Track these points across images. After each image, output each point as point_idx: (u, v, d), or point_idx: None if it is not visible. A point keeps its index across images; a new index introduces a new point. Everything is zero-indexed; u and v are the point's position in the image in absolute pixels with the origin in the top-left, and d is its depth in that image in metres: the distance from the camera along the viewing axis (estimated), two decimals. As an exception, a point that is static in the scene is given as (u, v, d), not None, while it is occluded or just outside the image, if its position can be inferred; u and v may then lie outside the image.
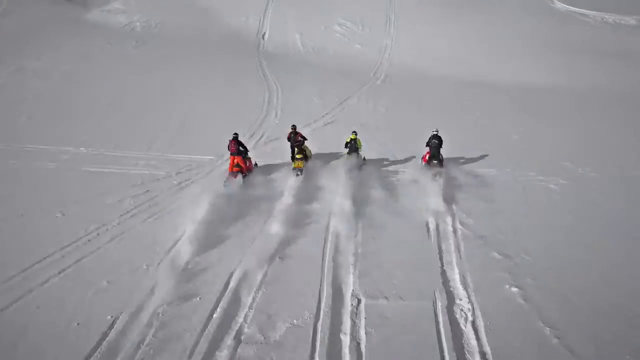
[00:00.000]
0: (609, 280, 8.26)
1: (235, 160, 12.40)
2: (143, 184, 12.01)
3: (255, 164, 13.30)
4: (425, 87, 23.74)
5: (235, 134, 12.63)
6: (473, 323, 7.28)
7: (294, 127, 13.54)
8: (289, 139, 13.45)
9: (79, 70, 22.25)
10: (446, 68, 26.89)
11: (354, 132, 13.38)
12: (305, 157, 13.12)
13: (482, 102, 21.03)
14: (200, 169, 13.12)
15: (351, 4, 34.84)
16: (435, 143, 13.03)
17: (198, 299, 7.71)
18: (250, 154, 13.00)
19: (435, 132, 13.16)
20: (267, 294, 7.89)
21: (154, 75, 21.93)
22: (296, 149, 13.04)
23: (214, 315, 7.33)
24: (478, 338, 6.98)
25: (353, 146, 13.23)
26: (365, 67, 26.85)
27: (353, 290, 8.00)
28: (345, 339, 6.94)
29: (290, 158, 13.37)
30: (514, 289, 8.03)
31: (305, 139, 13.47)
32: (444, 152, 13.19)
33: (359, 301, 7.75)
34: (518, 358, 6.56)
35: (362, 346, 6.82)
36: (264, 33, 31.65)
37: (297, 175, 12.50)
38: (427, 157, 13.30)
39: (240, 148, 12.44)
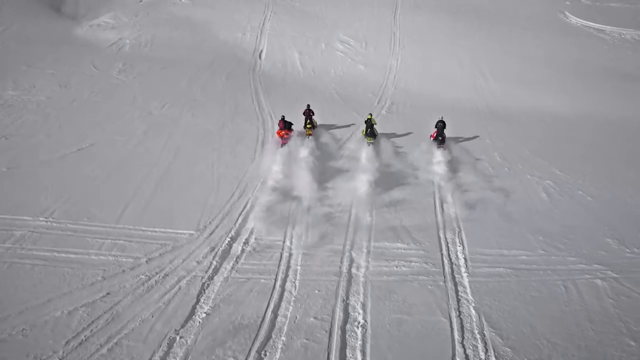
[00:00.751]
0: None
1: (282, 132, 17.16)
2: (104, 279, 9.81)
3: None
4: (436, 117, 21.39)
5: (283, 116, 17.55)
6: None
7: (308, 105, 18.33)
8: (304, 113, 18.16)
9: (54, 102, 19.96)
10: (457, 92, 24.46)
11: (370, 113, 17.92)
12: (313, 126, 18.15)
13: (503, 138, 18.64)
14: (176, 253, 10.90)
15: (354, 19, 32.42)
16: (440, 125, 17.24)
17: None
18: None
19: (441, 118, 17.48)
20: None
21: (135, 110, 19.61)
22: (307, 120, 17.90)
23: None
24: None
25: (369, 123, 17.18)
26: (369, 93, 24.44)
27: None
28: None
29: (303, 127, 17.97)
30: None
31: (313, 113, 18.26)
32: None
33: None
34: None
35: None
36: (261, 51, 29.24)
37: (308, 137, 17.66)
38: (434, 135, 17.34)
39: (288, 123, 17.45)
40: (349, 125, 19.14)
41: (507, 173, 15.70)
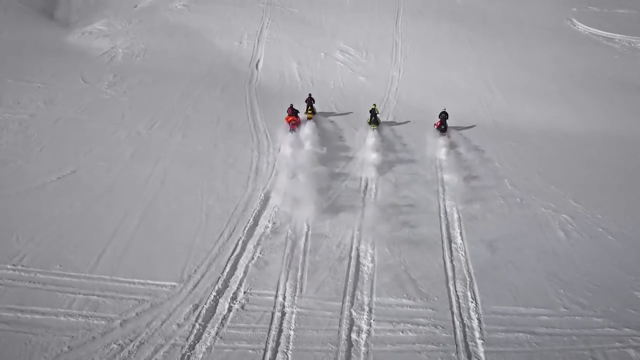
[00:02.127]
0: None
1: (290, 118, 18.88)
2: (70, 350, 8.50)
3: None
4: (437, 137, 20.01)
5: (291, 104, 19.46)
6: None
7: (310, 94, 20.68)
8: (306, 101, 20.20)
9: (38, 121, 18.51)
10: (461, 106, 22.98)
11: (374, 103, 20.24)
12: (313, 112, 20.22)
13: (512, 160, 17.26)
14: (155, 312, 9.58)
15: (354, 26, 30.94)
16: (443, 116, 19.19)
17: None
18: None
19: (444, 110, 19.43)
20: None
21: (122, 129, 18.19)
22: (308, 106, 19.97)
23: None
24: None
25: (373, 112, 19.43)
26: (371, 106, 23.06)
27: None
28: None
29: (304, 112, 19.89)
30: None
31: (314, 101, 20.47)
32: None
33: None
34: None
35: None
36: (258, 61, 27.77)
37: (308, 120, 19.71)
38: (438, 124, 19.28)
39: (296, 111, 19.22)
40: (349, 157, 17.30)
41: (519, 205, 14.34)
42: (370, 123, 19.51)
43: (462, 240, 12.32)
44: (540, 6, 34.08)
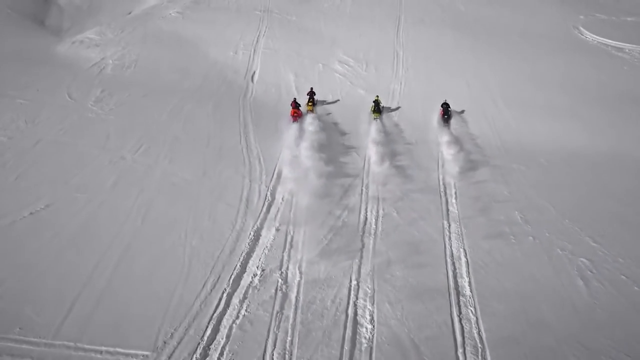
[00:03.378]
0: None
1: (293, 111, 20.53)
2: None
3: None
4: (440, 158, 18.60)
5: (295, 97, 21.84)
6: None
7: (311, 88, 22.67)
8: (308, 94, 22.18)
9: (16, 143, 17.08)
10: (467, 122, 21.55)
11: (377, 95, 22.16)
12: (314, 104, 21.83)
13: (522, 188, 15.83)
14: (122, 393, 8.21)
15: (354, 36, 29.43)
16: (445, 106, 20.91)
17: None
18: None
19: (445, 101, 21.27)
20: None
21: (106, 154, 16.77)
22: (310, 99, 21.73)
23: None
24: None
25: (376, 102, 21.32)
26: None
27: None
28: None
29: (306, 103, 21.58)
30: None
31: (315, 94, 22.46)
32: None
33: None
34: None
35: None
36: (254, 73, 26.31)
37: (308, 111, 21.43)
38: (442, 113, 20.85)
39: (298, 104, 20.96)
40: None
41: (531, 244, 12.90)
42: (373, 112, 21.21)
43: (471, 291, 10.91)
44: (547, 14, 32.52)
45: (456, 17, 31.91)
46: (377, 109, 21.23)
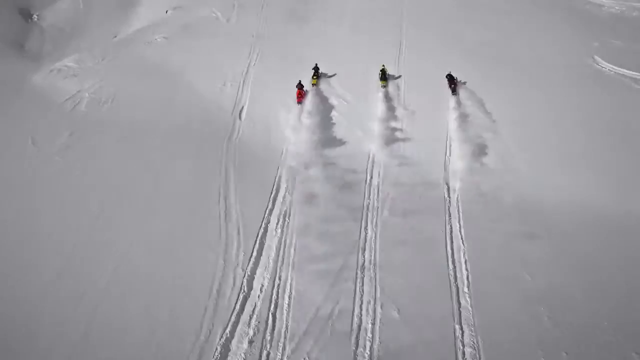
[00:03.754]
0: None
1: (299, 91, 22.77)
2: None
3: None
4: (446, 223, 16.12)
5: (300, 80, 23.58)
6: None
7: (316, 64, 25.16)
8: (313, 69, 24.80)
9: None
10: (477, 173, 19.02)
11: (383, 64, 24.37)
12: (318, 77, 24.26)
13: (546, 271, 13.26)
14: None
15: (352, 66, 26.77)
16: (449, 77, 23.12)
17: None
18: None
19: (449, 72, 23.40)
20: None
21: (52, 235, 14.25)
22: (314, 74, 24.30)
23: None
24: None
25: (383, 71, 23.77)
26: (368, 174, 19.19)
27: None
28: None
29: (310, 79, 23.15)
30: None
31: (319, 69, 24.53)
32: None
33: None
34: None
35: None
36: (242, 108, 23.90)
37: (313, 85, 23.74)
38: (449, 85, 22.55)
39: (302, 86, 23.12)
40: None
41: (564, 365, 10.37)
42: (381, 79, 23.48)
43: None
44: (559, 40, 29.92)
45: (462, 43, 29.33)
46: (384, 77, 23.45)
